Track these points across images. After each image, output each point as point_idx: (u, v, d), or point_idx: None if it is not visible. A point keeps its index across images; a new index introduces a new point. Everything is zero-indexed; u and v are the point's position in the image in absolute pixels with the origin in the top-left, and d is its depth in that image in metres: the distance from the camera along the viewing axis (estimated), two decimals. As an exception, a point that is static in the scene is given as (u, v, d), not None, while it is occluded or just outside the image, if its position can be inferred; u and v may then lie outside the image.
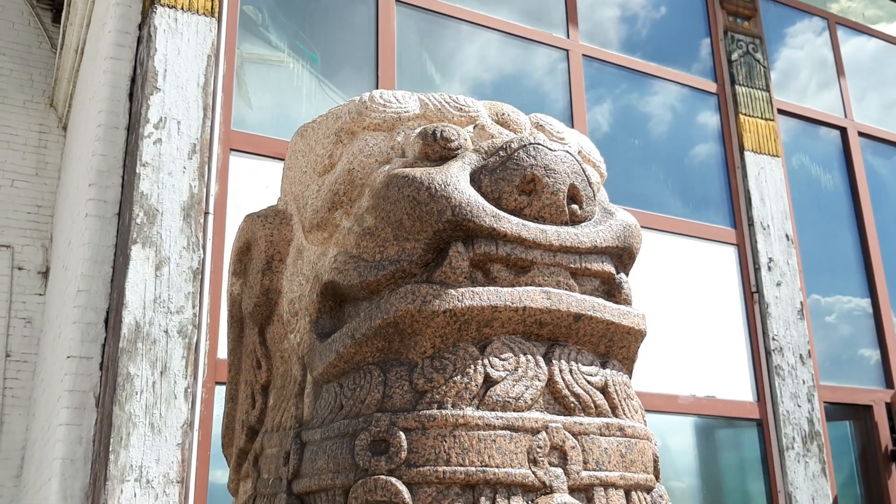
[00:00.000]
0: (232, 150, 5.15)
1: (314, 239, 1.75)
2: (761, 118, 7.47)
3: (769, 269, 6.94)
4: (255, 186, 5.07)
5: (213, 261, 4.86)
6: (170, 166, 4.80)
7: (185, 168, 4.84)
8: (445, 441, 1.43)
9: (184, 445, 4.50)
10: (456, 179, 1.56)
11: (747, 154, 7.24)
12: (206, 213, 4.84)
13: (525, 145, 1.60)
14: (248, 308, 1.88)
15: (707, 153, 7.34)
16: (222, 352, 4.80)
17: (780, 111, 7.81)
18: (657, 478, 1.61)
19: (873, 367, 7.58)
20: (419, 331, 1.51)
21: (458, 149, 1.64)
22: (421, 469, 1.42)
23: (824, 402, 6.98)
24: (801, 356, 6.81)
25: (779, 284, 6.94)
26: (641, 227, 6.59)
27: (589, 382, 1.56)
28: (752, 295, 6.88)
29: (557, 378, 1.53)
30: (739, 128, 7.31)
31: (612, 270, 1.65)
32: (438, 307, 1.50)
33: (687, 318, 6.57)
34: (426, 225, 1.54)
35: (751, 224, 7.03)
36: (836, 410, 7.24)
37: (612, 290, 1.66)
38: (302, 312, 1.73)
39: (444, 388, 1.48)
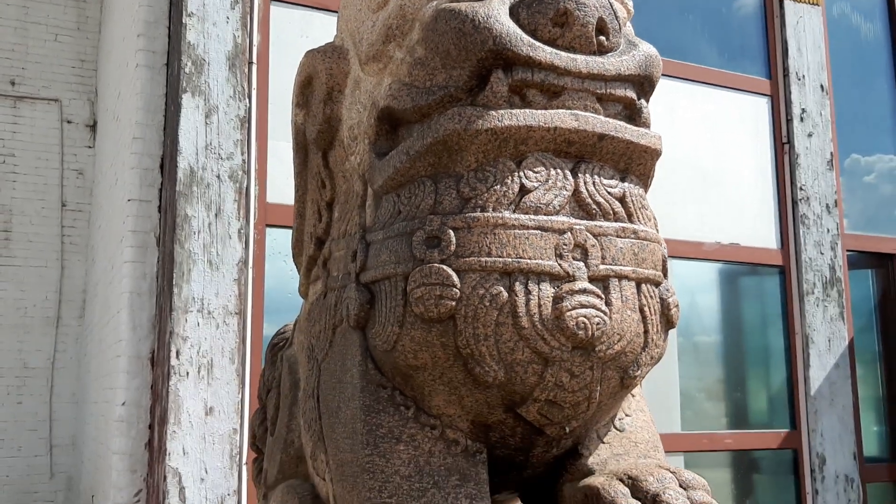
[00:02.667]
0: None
1: (370, 70, 1.98)
2: (803, -36, 7.31)
3: (801, 119, 6.99)
4: (295, 36, 5.22)
5: (259, 110, 5.09)
6: (214, 16, 4.96)
7: (228, 18, 5.00)
8: (487, 237, 1.71)
9: (240, 281, 4.90)
10: (497, 13, 1.75)
11: (787, 2, 7.14)
12: (250, 63, 5.03)
13: (559, -19, 1.79)
14: (312, 135, 2.14)
15: (745, 2, 7.24)
16: (271, 196, 5.12)
17: (824, -44, 7.61)
18: (665, 275, 1.89)
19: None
20: (464, 147, 1.76)
21: None
22: (467, 259, 1.71)
23: (847, 251, 7.19)
24: (827, 206, 6.97)
25: (810, 135, 7.01)
26: (677, 77, 6.60)
27: (609, 193, 1.82)
28: (783, 146, 6.97)
29: (582, 189, 1.79)
30: (780, -26, 7.17)
31: (634, 96, 1.86)
32: (481, 126, 1.73)
33: (716, 168, 6.72)
34: (470, 54, 1.75)
35: (786, 75, 7.03)
36: (860, 259, 7.45)
37: (633, 115, 1.88)
38: (361, 136, 1.98)
39: (485, 195, 1.74)
